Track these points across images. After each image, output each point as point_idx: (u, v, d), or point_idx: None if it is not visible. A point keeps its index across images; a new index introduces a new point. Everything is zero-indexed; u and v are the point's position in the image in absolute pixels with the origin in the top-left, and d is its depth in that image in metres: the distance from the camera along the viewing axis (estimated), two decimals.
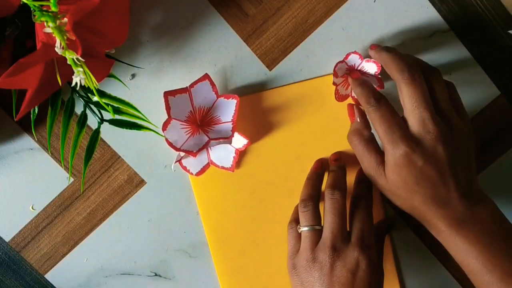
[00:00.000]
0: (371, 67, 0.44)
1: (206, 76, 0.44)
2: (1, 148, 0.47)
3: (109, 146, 0.47)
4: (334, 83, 0.44)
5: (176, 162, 0.45)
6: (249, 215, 0.48)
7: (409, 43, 0.46)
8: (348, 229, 0.42)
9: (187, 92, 0.44)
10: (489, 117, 0.48)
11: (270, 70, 0.47)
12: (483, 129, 0.48)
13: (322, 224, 0.42)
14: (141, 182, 0.48)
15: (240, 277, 0.48)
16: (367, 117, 0.42)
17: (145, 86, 0.46)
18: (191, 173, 0.47)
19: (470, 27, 0.46)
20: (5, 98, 0.46)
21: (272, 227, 0.48)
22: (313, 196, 0.44)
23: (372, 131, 0.43)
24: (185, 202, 0.48)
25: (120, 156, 0.47)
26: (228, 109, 0.45)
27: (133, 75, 0.46)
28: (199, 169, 0.47)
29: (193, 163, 0.46)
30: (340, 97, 0.46)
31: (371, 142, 0.42)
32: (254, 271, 0.48)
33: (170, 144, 0.43)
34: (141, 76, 0.46)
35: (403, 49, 0.46)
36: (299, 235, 0.43)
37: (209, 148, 0.46)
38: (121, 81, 0.45)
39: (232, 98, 0.44)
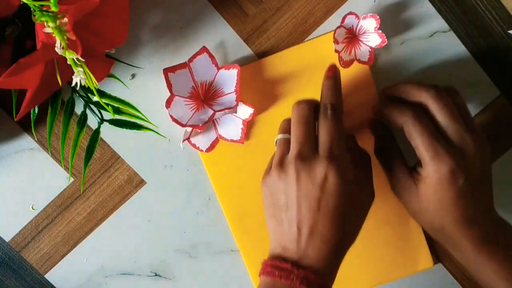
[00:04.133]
0: (370, 23, 0.43)
1: (204, 49, 0.43)
2: (1, 148, 0.47)
3: (109, 146, 0.47)
4: (336, 51, 0.44)
5: (184, 140, 0.44)
6: None
7: (409, 43, 0.46)
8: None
9: (187, 68, 0.43)
10: (489, 117, 0.47)
11: None
12: (483, 129, 0.48)
13: None
14: (141, 182, 0.48)
15: (262, 249, 0.47)
16: (407, 129, 0.38)
17: (145, 86, 0.46)
18: (201, 150, 0.46)
19: (470, 27, 0.46)
20: (5, 98, 0.46)
21: None
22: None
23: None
24: (185, 202, 0.48)
25: (120, 156, 0.47)
26: (230, 80, 0.44)
27: (133, 75, 0.46)
28: (209, 145, 0.46)
29: (202, 139, 0.46)
30: (345, 64, 0.45)
31: (398, 156, 0.40)
32: None
33: (175, 121, 0.42)
34: (141, 76, 0.46)
35: (403, 49, 0.46)
36: None
37: (216, 123, 0.46)
38: (121, 81, 0.45)
39: (233, 68, 0.44)
